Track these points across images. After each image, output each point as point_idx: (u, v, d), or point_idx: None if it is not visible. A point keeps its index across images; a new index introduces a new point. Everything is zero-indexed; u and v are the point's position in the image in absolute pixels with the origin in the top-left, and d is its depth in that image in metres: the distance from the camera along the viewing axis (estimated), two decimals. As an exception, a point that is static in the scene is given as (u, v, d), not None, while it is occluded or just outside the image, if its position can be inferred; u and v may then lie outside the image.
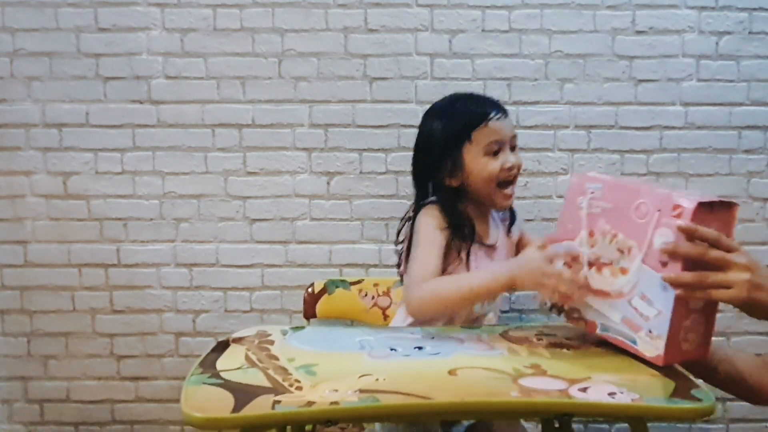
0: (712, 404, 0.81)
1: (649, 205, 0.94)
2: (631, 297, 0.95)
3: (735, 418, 1.89)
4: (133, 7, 1.77)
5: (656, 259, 0.92)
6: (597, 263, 1.00)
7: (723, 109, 1.81)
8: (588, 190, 1.02)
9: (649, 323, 0.93)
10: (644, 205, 0.95)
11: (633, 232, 0.96)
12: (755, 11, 1.79)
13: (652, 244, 0.93)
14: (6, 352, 1.85)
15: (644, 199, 0.95)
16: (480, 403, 0.82)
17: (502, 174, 1.24)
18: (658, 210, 0.93)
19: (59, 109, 1.79)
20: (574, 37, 1.79)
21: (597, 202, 1.01)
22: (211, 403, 0.79)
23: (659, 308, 0.92)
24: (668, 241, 0.91)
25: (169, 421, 1.87)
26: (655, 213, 0.93)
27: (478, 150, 1.23)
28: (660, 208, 0.93)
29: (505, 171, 1.24)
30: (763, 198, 1.84)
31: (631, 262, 0.95)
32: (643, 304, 0.94)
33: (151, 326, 1.85)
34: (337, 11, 1.78)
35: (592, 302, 1.00)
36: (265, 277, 1.84)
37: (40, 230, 1.82)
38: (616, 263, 0.97)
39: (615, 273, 0.97)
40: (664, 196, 0.94)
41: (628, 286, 0.95)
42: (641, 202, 0.96)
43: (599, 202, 1.01)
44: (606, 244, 0.99)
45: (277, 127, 1.81)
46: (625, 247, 0.97)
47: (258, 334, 1.11)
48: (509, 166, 1.24)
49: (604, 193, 1.01)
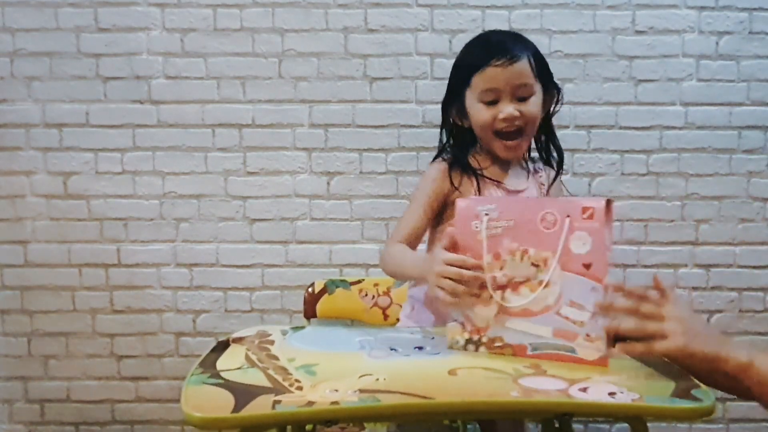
0: (712, 404, 0.81)
1: (555, 213, 0.94)
2: (559, 307, 0.93)
3: (735, 418, 1.89)
4: (133, 7, 1.77)
5: (578, 263, 0.93)
6: (511, 284, 0.96)
7: (723, 109, 1.81)
8: (481, 213, 0.98)
9: (584, 328, 0.92)
10: (550, 215, 0.95)
11: (544, 243, 0.94)
12: (755, 11, 1.79)
13: (570, 251, 0.93)
14: (6, 352, 1.85)
15: (549, 209, 0.95)
16: (480, 403, 0.82)
17: (497, 124, 1.17)
18: (567, 216, 0.93)
19: (59, 109, 1.79)
20: (574, 37, 1.79)
21: (495, 223, 0.97)
22: (211, 403, 0.79)
23: (592, 309, 0.92)
24: (587, 241, 0.92)
25: (169, 421, 1.88)
26: (566, 219, 0.93)
27: (474, 96, 1.17)
28: (569, 213, 0.93)
29: (499, 121, 1.16)
30: (763, 198, 1.84)
31: (550, 273, 0.94)
32: (574, 310, 0.92)
33: (151, 326, 1.85)
34: (337, 11, 1.78)
35: (515, 325, 0.96)
36: (265, 277, 1.85)
37: (40, 230, 1.82)
38: (533, 278, 0.95)
39: (534, 288, 0.94)
40: (568, 202, 0.96)
41: (553, 297, 0.94)
42: (546, 212, 0.95)
43: (498, 222, 0.97)
44: (517, 262, 0.96)
45: (277, 127, 1.81)
46: (539, 261, 0.95)
47: (258, 334, 1.11)
48: (503, 117, 1.16)
49: (500, 212, 0.97)
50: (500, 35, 1.23)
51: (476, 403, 0.81)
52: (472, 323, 0.98)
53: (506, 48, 1.15)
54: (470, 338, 0.99)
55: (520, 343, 0.96)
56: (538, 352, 0.95)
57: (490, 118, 1.17)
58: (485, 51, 1.16)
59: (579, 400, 0.80)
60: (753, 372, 0.83)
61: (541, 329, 0.95)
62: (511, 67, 1.14)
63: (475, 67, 1.16)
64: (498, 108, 1.16)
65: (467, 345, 0.99)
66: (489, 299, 0.97)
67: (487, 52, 1.15)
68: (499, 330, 0.97)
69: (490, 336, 0.97)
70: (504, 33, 1.25)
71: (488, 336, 0.97)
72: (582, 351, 0.92)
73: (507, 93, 1.16)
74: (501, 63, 1.14)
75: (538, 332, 0.95)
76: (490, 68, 1.14)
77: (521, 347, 0.96)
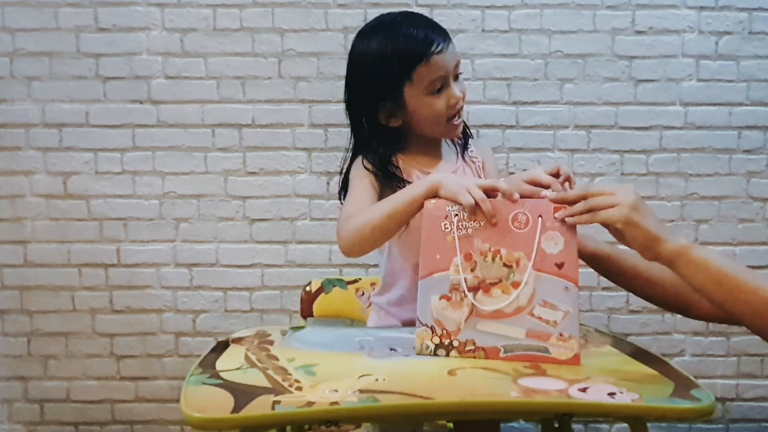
0: (712, 404, 0.81)
1: (527, 213, 0.95)
2: (532, 308, 0.93)
3: (735, 418, 1.89)
4: (133, 7, 1.77)
5: (551, 263, 0.93)
6: (483, 285, 0.95)
7: (723, 109, 1.81)
8: (451, 213, 0.97)
9: (557, 327, 0.92)
10: (522, 215, 0.95)
11: (516, 244, 0.94)
12: (755, 11, 1.79)
13: (542, 251, 0.93)
14: (6, 352, 1.85)
15: (520, 209, 0.95)
16: (480, 403, 0.82)
17: (450, 110, 1.12)
18: (539, 216, 0.94)
19: (59, 109, 1.79)
20: (574, 37, 1.79)
21: (466, 223, 0.96)
22: (211, 404, 0.79)
23: (565, 309, 0.92)
24: (558, 241, 0.93)
25: (169, 421, 1.88)
26: (538, 219, 0.94)
27: (421, 89, 1.09)
28: (541, 213, 0.94)
29: (451, 107, 1.11)
30: (763, 198, 1.84)
31: (523, 273, 0.93)
32: (547, 310, 0.93)
33: (151, 326, 1.85)
34: (337, 11, 1.78)
35: (486, 328, 0.95)
36: (265, 277, 1.84)
37: (40, 230, 1.82)
38: (505, 279, 0.94)
39: (507, 289, 0.94)
40: (539, 202, 0.96)
41: (526, 298, 0.93)
42: (518, 212, 0.95)
43: (468, 222, 0.96)
44: (489, 263, 0.95)
45: (277, 127, 1.81)
46: (511, 261, 0.94)
47: (258, 334, 1.11)
48: (455, 101, 1.11)
49: (470, 212, 0.96)
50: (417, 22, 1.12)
51: (476, 403, 0.81)
52: (443, 327, 0.96)
53: (437, 32, 1.10)
54: (441, 342, 0.96)
55: (492, 346, 0.94)
56: (511, 354, 0.94)
57: (444, 106, 1.11)
58: (420, 42, 1.08)
59: (579, 401, 0.80)
60: (686, 258, 0.87)
61: (514, 331, 0.94)
62: (449, 48, 1.10)
63: (416, 59, 1.08)
64: (447, 94, 1.11)
65: (437, 350, 0.96)
66: (460, 302, 0.96)
67: (423, 43, 1.08)
68: (471, 333, 0.95)
69: (461, 339, 0.96)
70: (415, 18, 1.14)
71: (459, 340, 0.96)
72: (555, 350, 0.92)
73: (451, 76, 1.11)
74: (440, 48, 1.08)
75: (511, 334, 0.94)
76: (434, 57, 1.07)
77: (494, 350, 0.95)
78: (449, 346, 0.96)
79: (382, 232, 1.04)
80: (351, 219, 1.06)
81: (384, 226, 1.03)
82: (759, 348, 1.86)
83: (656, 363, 0.96)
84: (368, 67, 1.12)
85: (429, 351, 0.96)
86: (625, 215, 0.89)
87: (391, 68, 1.09)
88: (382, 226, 1.03)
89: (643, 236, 0.89)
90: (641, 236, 0.89)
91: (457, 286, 0.96)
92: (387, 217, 1.02)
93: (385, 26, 1.13)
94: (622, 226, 0.89)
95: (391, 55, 1.09)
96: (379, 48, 1.10)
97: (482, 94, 1.81)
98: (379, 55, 1.10)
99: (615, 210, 0.89)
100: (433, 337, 0.96)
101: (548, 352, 0.93)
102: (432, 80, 1.09)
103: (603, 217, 0.90)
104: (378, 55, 1.10)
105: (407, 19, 1.13)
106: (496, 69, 1.80)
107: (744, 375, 1.88)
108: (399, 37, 1.09)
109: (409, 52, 1.08)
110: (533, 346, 0.93)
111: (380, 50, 1.10)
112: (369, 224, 1.03)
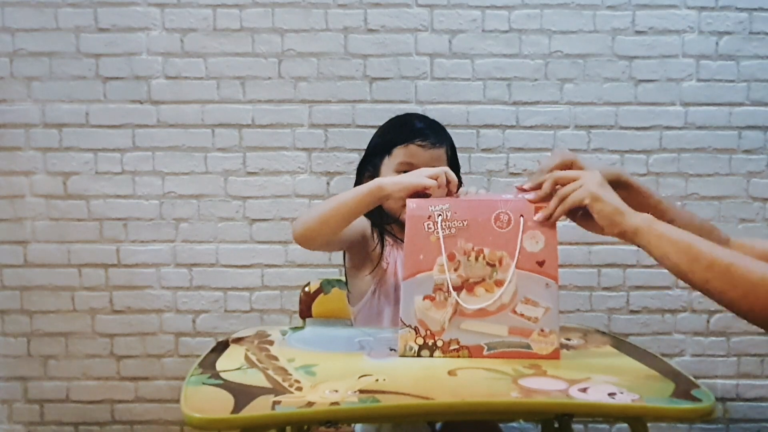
0: (712, 404, 0.81)
1: (509, 213, 0.97)
2: (514, 305, 0.95)
3: (735, 418, 1.89)
4: (133, 7, 1.77)
5: (533, 261, 0.95)
6: (467, 285, 0.96)
7: (723, 109, 1.81)
8: (434, 213, 0.98)
9: (539, 323, 0.95)
10: (504, 215, 0.97)
11: (499, 243, 0.96)
12: (755, 11, 1.79)
13: (524, 249, 0.96)
14: (6, 352, 1.85)
15: (502, 209, 0.97)
16: (480, 404, 0.82)
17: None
18: (521, 215, 0.96)
19: (59, 109, 1.79)
20: (574, 37, 1.79)
21: (449, 223, 0.98)
22: (211, 404, 0.79)
23: (545, 305, 0.95)
24: (539, 240, 0.96)
25: (169, 421, 1.87)
26: (520, 219, 0.96)
27: (391, 165, 1.23)
28: (522, 213, 0.96)
29: None
30: (763, 198, 1.84)
31: (506, 272, 0.95)
32: (528, 307, 0.95)
33: (151, 326, 1.85)
34: (337, 11, 1.78)
35: (470, 326, 0.96)
36: (265, 277, 1.84)
37: (40, 230, 1.82)
38: (488, 278, 0.96)
39: (491, 288, 0.96)
40: (520, 201, 0.98)
41: (508, 296, 0.95)
42: (500, 212, 0.97)
43: (451, 222, 0.98)
44: (472, 262, 0.97)
45: (277, 127, 1.81)
46: (494, 260, 0.96)
47: (257, 334, 1.11)
48: None
49: (453, 212, 0.98)
50: (427, 121, 1.30)
51: (476, 403, 0.81)
52: (426, 327, 0.97)
53: (430, 134, 1.25)
54: (425, 343, 0.96)
55: (476, 344, 0.96)
56: (495, 351, 0.96)
57: None
58: (411, 131, 1.24)
59: (579, 401, 0.80)
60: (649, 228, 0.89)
61: (497, 328, 0.96)
62: (431, 150, 1.23)
63: (399, 140, 1.23)
64: None
65: (421, 351, 0.96)
66: (444, 302, 0.97)
67: (412, 133, 1.24)
68: (455, 332, 0.96)
69: (445, 339, 0.96)
70: (430, 120, 1.31)
71: (443, 339, 0.96)
72: (536, 346, 0.95)
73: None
74: (424, 144, 1.22)
75: (494, 331, 0.96)
76: (412, 145, 1.22)
77: (478, 348, 0.96)
78: (433, 347, 0.97)
79: (328, 222, 1.12)
80: (304, 212, 1.18)
81: (329, 217, 1.11)
82: (759, 348, 1.86)
83: (656, 363, 0.96)
84: (372, 139, 1.31)
85: (413, 352, 0.97)
86: (590, 191, 0.92)
87: (382, 140, 1.27)
88: (328, 217, 1.10)
89: (609, 209, 0.91)
90: (607, 209, 0.91)
91: (440, 286, 0.97)
92: (334, 209, 1.10)
93: (405, 117, 1.33)
94: (590, 201, 0.92)
95: (387, 130, 1.29)
96: (386, 124, 1.31)
97: (482, 94, 1.81)
98: (382, 129, 1.31)
99: (581, 189, 0.93)
100: (417, 338, 0.97)
101: (530, 347, 0.95)
102: (402, 161, 1.22)
103: (573, 199, 0.93)
104: (381, 129, 1.31)
105: (420, 116, 1.35)
106: (497, 69, 1.80)
107: (744, 375, 1.88)
108: (402, 125, 1.28)
109: (396, 134, 1.25)
110: (515, 343, 0.95)
111: (384, 126, 1.31)
112: (318, 215, 1.11)
